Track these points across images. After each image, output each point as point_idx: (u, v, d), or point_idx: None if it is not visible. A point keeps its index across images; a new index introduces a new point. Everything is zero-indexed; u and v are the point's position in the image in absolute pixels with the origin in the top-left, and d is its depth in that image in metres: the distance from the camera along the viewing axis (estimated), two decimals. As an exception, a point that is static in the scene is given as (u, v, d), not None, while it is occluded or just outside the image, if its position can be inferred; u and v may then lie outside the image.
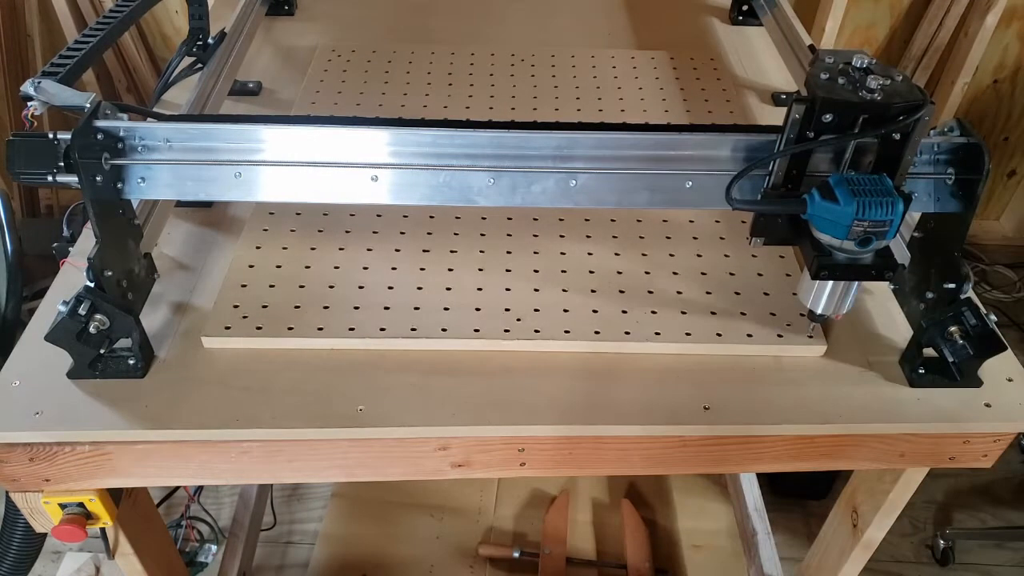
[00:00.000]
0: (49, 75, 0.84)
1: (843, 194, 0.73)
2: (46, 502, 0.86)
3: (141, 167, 0.82)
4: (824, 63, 0.77)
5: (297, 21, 1.52)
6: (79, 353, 0.82)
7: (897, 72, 0.75)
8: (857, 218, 0.73)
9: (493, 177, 0.82)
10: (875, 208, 0.72)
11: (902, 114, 0.74)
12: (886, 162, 0.78)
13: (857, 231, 0.73)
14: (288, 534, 1.83)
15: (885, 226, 0.73)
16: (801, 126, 0.75)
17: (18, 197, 2.33)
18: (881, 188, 0.73)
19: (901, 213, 0.73)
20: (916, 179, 0.84)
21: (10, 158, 0.78)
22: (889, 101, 0.73)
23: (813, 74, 0.76)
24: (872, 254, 0.77)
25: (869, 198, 0.72)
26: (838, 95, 0.74)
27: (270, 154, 0.81)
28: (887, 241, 0.76)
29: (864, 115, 0.74)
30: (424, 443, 0.85)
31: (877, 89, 0.73)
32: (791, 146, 0.77)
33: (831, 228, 0.75)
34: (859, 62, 0.76)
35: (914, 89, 0.75)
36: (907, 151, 0.77)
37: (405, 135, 0.80)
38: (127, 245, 0.87)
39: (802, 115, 0.75)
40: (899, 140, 0.76)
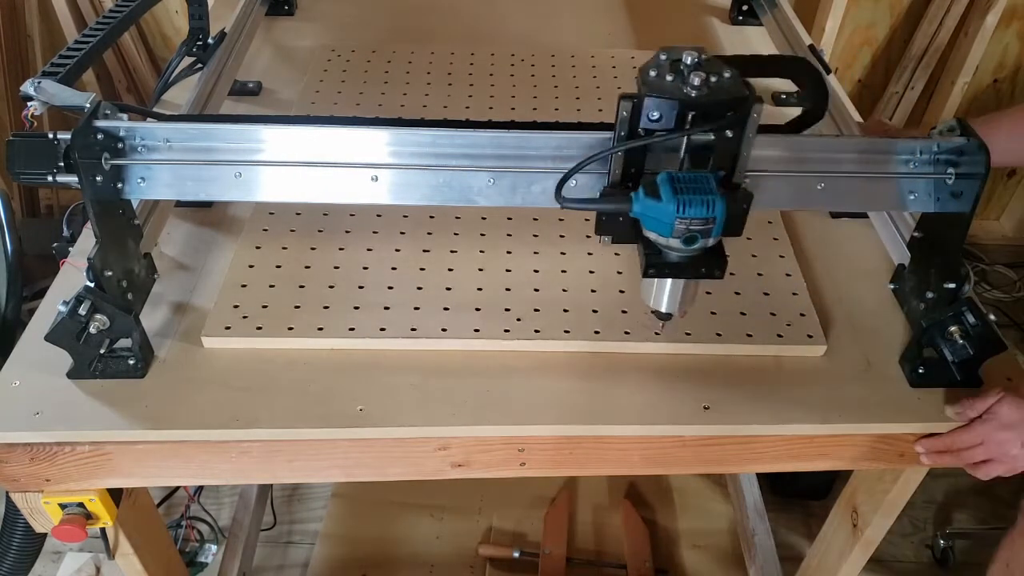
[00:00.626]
0: (49, 75, 0.84)
1: (666, 192, 0.72)
2: (46, 502, 0.86)
3: (141, 167, 0.81)
4: (658, 59, 0.75)
5: (297, 21, 1.52)
6: (79, 353, 0.82)
7: (728, 69, 0.74)
8: (679, 216, 0.72)
9: (493, 177, 0.82)
10: (696, 206, 0.72)
11: (727, 111, 0.73)
12: (724, 160, 0.77)
13: (680, 229, 0.73)
14: (288, 534, 1.83)
15: (708, 224, 0.73)
16: (631, 123, 0.74)
17: (18, 197, 2.33)
18: (705, 187, 0.73)
19: (723, 211, 0.72)
20: (916, 179, 0.84)
21: (10, 158, 0.78)
22: (713, 98, 0.72)
23: (643, 70, 0.75)
24: (702, 252, 0.76)
25: (690, 196, 0.72)
26: (662, 91, 0.73)
27: (270, 154, 0.81)
28: (713, 239, 0.75)
29: (690, 112, 0.73)
30: (424, 443, 0.85)
31: (700, 86, 0.72)
32: (621, 144, 0.76)
33: (657, 226, 0.74)
34: (689, 58, 0.74)
35: (741, 87, 0.73)
36: (743, 148, 0.76)
37: (405, 135, 0.80)
38: (127, 245, 0.87)
39: (630, 112, 0.74)
40: (733, 137, 0.75)
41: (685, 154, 0.76)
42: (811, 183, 0.84)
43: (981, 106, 2.44)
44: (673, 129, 0.74)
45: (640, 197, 0.74)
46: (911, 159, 0.84)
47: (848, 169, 0.84)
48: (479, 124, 0.83)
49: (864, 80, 2.42)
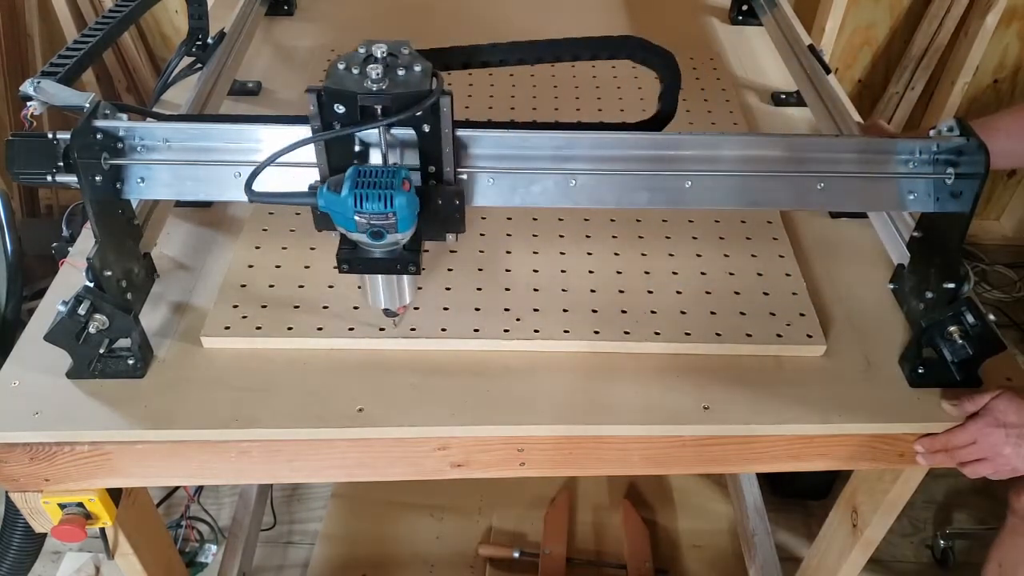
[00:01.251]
0: (48, 75, 0.84)
1: (347, 186, 0.72)
2: (46, 502, 0.86)
3: (140, 167, 0.82)
4: (351, 54, 0.75)
5: (296, 21, 1.52)
6: (79, 353, 0.82)
7: (419, 64, 0.73)
8: (357, 210, 0.71)
9: (493, 177, 0.82)
10: (373, 201, 0.71)
11: (408, 104, 0.72)
12: (428, 155, 0.77)
13: (362, 223, 0.72)
14: (288, 534, 1.83)
15: (389, 219, 0.72)
16: (322, 117, 0.74)
17: (18, 197, 2.33)
18: (387, 181, 0.71)
19: (405, 206, 0.71)
20: (916, 179, 0.84)
21: (9, 158, 0.78)
22: (391, 92, 0.71)
23: (333, 64, 0.74)
24: (398, 247, 0.76)
25: (367, 190, 0.71)
26: (342, 85, 0.72)
27: (269, 154, 0.81)
28: (402, 235, 0.74)
29: (376, 105, 0.72)
30: (424, 443, 0.85)
31: (380, 79, 0.71)
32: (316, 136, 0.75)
33: (342, 220, 0.73)
34: (380, 51, 0.73)
35: (426, 81, 0.73)
36: (442, 143, 0.76)
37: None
38: (127, 245, 0.87)
39: (316, 105, 0.73)
40: (430, 133, 0.75)
41: (387, 149, 0.76)
42: (811, 183, 0.84)
43: (981, 106, 2.44)
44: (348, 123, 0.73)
45: (323, 191, 0.73)
46: (910, 159, 0.84)
47: (848, 169, 0.84)
48: (479, 124, 0.83)
49: (864, 80, 2.41)
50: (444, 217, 0.79)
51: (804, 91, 1.28)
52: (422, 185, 0.79)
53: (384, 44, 0.74)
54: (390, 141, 0.77)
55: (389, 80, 0.72)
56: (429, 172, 0.78)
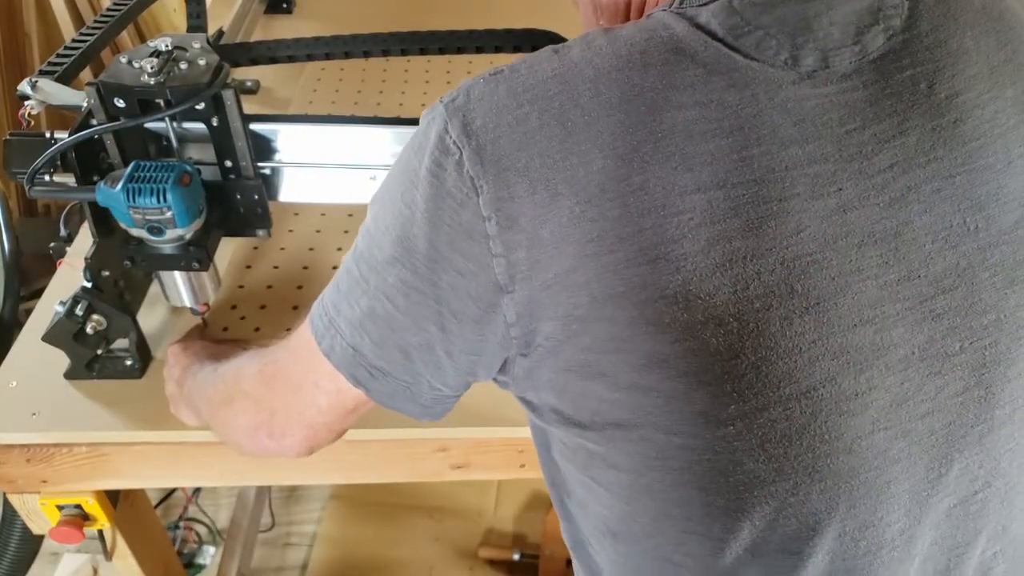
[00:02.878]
0: (46, 74, 0.84)
1: (123, 181, 0.71)
2: (43, 503, 0.86)
3: None
4: (142, 47, 0.74)
5: (295, 19, 1.52)
6: (76, 354, 0.82)
7: (207, 57, 0.73)
8: (131, 204, 0.71)
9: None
10: (145, 195, 0.70)
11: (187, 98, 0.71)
12: (222, 149, 0.76)
13: (139, 218, 0.72)
14: (286, 535, 1.83)
15: (165, 213, 0.71)
16: (105, 111, 0.72)
17: (15, 196, 2.32)
18: (161, 175, 0.71)
19: (179, 201, 0.71)
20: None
21: (7, 157, 0.77)
22: (167, 85, 0.71)
23: (116, 59, 0.73)
24: (182, 244, 0.76)
25: (140, 184, 0.70)
26: (117, 79, 0.71)
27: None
28: (182, 230, 0.74)
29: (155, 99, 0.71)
30: (423, 444, 0.84)
31: (155, 73, 0.71)
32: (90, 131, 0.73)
33: (122, 216, 0.73)
34: (164, 45, 0.73)
35: (205, 75, 0.72)
36: (233, 137, 0.75)
37: (405, 134, 0.80)
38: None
39: (96, 99, 0.72)
40: (219, 126, 0.74)
41: (178, 143, 0.76)
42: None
43: (981, 106, 2.44)
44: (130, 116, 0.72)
45: (101, 187, 0.72)
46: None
47: None
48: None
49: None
50: (247, 213, 0.78)
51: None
52: (222, 179, 0.78)
53: (170, 37, 0.74)
54: (183, 135, 0.76)
55: (167, 74, 0.71)
56: (226, 167, 0.78)
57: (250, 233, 0.82)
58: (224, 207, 0.79)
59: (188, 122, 0.76)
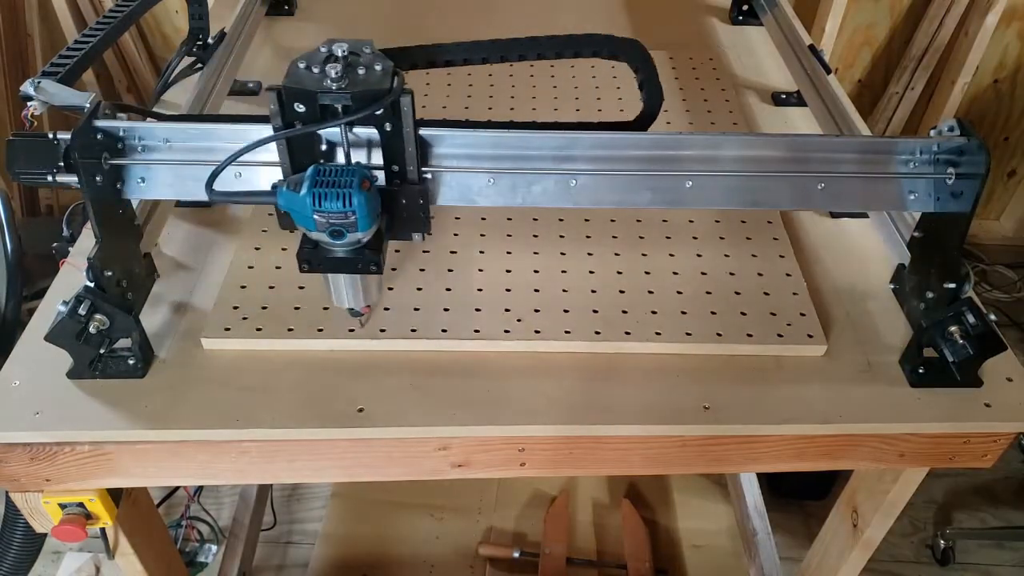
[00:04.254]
0: (49, 75, 0.84)
1: (306, 185, 0.71)
2: (46, 502, 0.86)
3: (141, 167, 0.82)
4: (311, 53, 0.75)
5: (297, 21, 1.52)
6: (79, 353, 0.82)
7: (381, 62, 0.74)
8: (316, 209, 0.71)
9: (493, 177, 0.82)
10: (331, 200, 0.70)
11: (367, 103, 0.72)
12: (391, 154, 0.76)
13: (322, 223, 0.72)
14: (288, 534, 1.83)
15: (348, 218, 0.71)
16: (283, 116, 0.74)
17: (18, 197, 2.33)
18: (345, 180, 0.71)
19: (364, 204, 0.71)
20: (916, 179, 0.84)
21: (10, 158, 0.78)
22: (351, 91, 0.72)
23: (293, 63, 0.74)
24: (359, 247, 0.76)
25: (326, 189, 0.71)
26: (301, 84, 0.72)
27: (270, 154, 0.81)
28: (362, 234, 0.74)
29: (338, 104, 0.72)
30: (424, 443, 0.85)
31: (339, 79, 0.72)
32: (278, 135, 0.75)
33: (302, 220, 0.73)
34: (340, 50, 0.74)
35: (385, 79, 0.73)
36: (405, 142, 0.75)
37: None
38: (127, 245, 0.87)
39: (277, 104, 0.73)
40: (393, 131, 0.75)
41: (350, 148, 0.76)
42: (811, 183, 0.84)
43: (981, 106, 2.44)
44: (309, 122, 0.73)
45: (283, 191, 0.73)
46: (911, 159, 0.84)
47: (848, 169, 0.84)
48: (479, 124, 0.83)
49: (864, 80, 2.42)
50: (409, 217, 0.78)
51: (804, 91, 1.28)
52: (386, 184, 0.78)
53: (345, 43, 0.74)
54: (354, 140, 0.76)
55: (348, 79, 0.72)
56: (393, 171, 0.78)
57: (407, 237, 0.82)
58: (389, 211, 0.78)
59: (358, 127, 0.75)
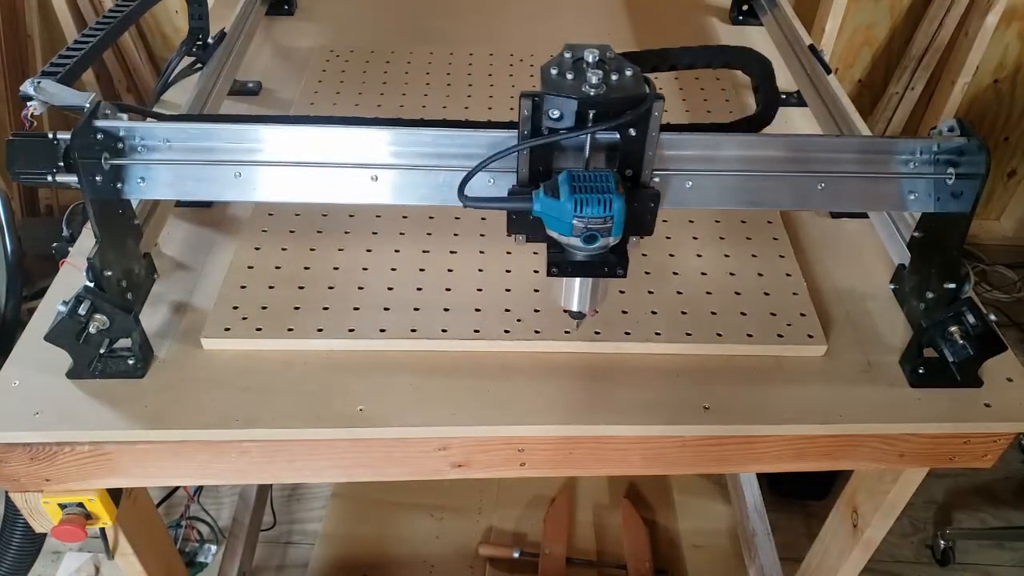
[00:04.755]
0: (49, 75, 0.84)
1: (564, 191, 0.72)
2: (46, 502, 0.86)
3: (141, 167, 0.81)
4: (562, 57, 0.75)
5: (297, 21, 1.52)
6: (79, 353, 0.82)
7: (629, 67, 0.74)
8: (576, 214, 0.72)
9: (493, 177, 0.82)
10: (593, 205, 0.71)
11: (626, 109, 0.72)
12: (629, 158, 0.76)
13: (579, 228, 0.72)
14: (288, 534, 1.83)
15: (607, 223, 0.72)
16: (532, 122, 0.74)
17: (18, 197, 2.33)
18: (603, 185, 0.72)
19: (621, 209, 0.72)
20: (916, 179, 0.84)
21: (10, 158, 0.78)
22: (611, 96, 0.72)
23: (545, 69, 0.74)
24: (605, 250, 0.76)
25: (587, 195, 0.72)
26: (560, 90, 0.72)
27: (270, 154, 0.81)
28: (614, 238, 0.75)
29: (590, 110, 0.73)
30: (424, 443, 0.85)
31: (598, 84, 0.72)
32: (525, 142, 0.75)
33: (556, 225, 0.74)
34: (591, 56, 0.74)
35: (641, 84, 0.73)
36: (647, 147, 0.76)
37: (405, 135, 0.80)
38: (127, 245, 0.87)
39: (530, 111, 0.74)
40: (636, 136, 0.75)
41: (591, 153, 0.76)
42: (811, 183, 0.84)
43: (981, 106, 2.44)
44: (572, 128, 0.73)
45: (540, 196, 0.74)
46: (911, 159, 0.83)
47: (849, 169, 0.84)
48: (479, 124, 0.83)
49: (864, 80, 2.42)
50: (635, 220, 0.78)
51: (804, 91, 1.28)
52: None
53: (595, 49, 0.75)
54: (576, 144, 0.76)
55: (606, 85, 0.72)
56: (626, 175, 0.78)
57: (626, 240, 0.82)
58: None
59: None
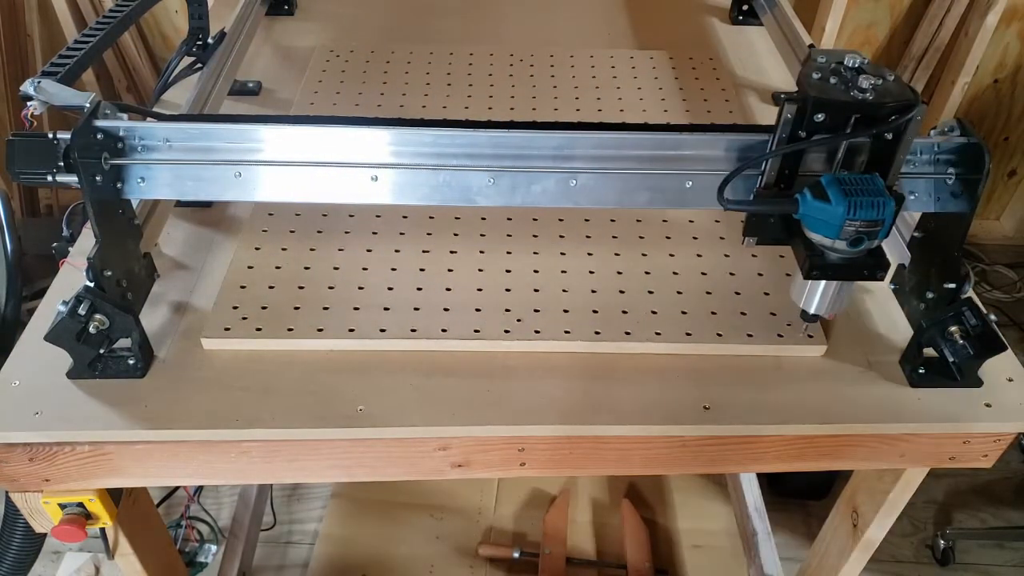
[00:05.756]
0: (49, 75, 0.84)
1: (835, 194, 0.73)
2: (46, 502, 0.86)
3: (141, 167, 0.82)
4: (816, 63, 0.77)
5: (297, 21, 1.52)
6: (79, 353, 0.82)
7: (889, 72, 0.76)
8: (848, 218, 0.73)
9: (493, 177, 0.82)
10: (866, 208, 0.73)
11: (894, 114, 0.74)
12: (878, 162, 0.78)
13: (849, 231, 0.74)
14: (288, 534, 1.83)
15: (877, 226, 0.74)
16: (793, 126, 0.76)
17: (18, 197, 2.33)
18: (873, 188, 0.73)
19: (893, 213, 0.73)
20: (916, 179, 0.84)
21: (10, 158, 0.78)
22: (881, 101, 0.74)
23: (805, 74, 0.76)
24: (864, 254, 0.77)
25: (860, 198, 0.73)
26: (830, 95, 0.74)
27: (270, 154, 0.81)
28: (879, 241, 0.76)
29: (856, 115, 0.75)
30: (424, 443, 0.85)
31: (869, 89, 0.74)
32: (783, 146, 0.77)
33: (822, 228, 0.75)
34: (851, 62, 0.76)
35: (906, 89, 0.75)
36: (900, 151, 0.77)
37: (405, 135, 0.81)
38: (127, 245, 0.87)
39: (794, 115, 0.75)
40: (891, 140, 0.76)
41: (842, 158, 0.77)
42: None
43: (981, 106, 2.44)
44: (838, 132, 0.75)
45: (807, 199, 0.75)
46: (912, 159, 0.84)
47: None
48: (480, 124, 0.83)
49: (864, 80, 2.41)
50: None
51: (804, 91, 1.28)
52: None
53: (857, 55, 0.76)
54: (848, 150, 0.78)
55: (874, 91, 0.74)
56: None
57: None
58: None
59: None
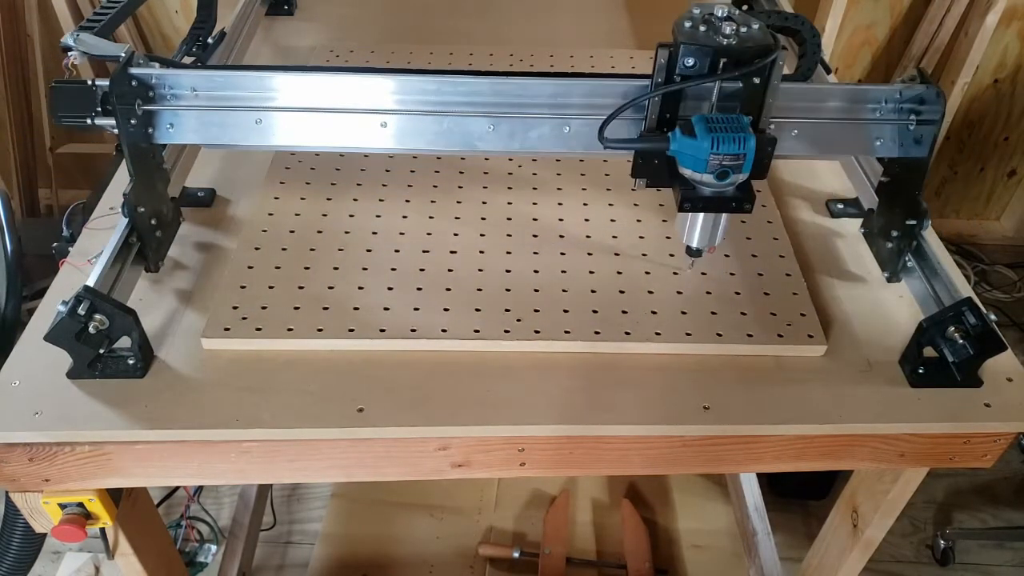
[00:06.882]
0: (86, 28, 0.93)
1: (701, 130, 0.79)
2: (46, 502, 0.86)
3: (169, 113, 0.88)
4: (691, 14, 0.81)
5: (297, 21, 1.52)
6: (79, 353, 0.82)
7: (755, 21, 0.80)
8: (712, 152, 0.78)
9: (493, 123, 0.87)
10: (728, 143, 0.78)
11: (756, 58, 0.79)
12: (751, 105, 0.83)
13: (714, 164, 0.79)
14: (288, 534, 1.83)
15: (740, 159, 0.79)
16: (667, 71, 0.81)
17: (18, 197, 2.33)
18: (737, 125, 0.79)
19: (753, 147, 0.79)
20: (882, 124, 0.91)
21: (53, 103, 0.85)
22: (743, 46, 0.79)
23: (678, 23, 0.80)
24: (732, 188, 0.82)
25: (724, 134, 0.78)
26: (697, 40, 0.79)
27: (288, 100, 0.88)
28: (744, 175, 0.81)
29: (722, 59, 0.80)
30: (424, 443, 0.85)
31: (731, 35, 0.79)
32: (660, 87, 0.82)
33: (692, 163, 0.81)
34: (720, 11, 0.80)
35: (768, 36, 0.80)
36: (768, 95, 0.82)
37: (411, 82, 0.87)
38: (156, 186, 0.93)
39: (667, 60, 0.80)
40: (759, 84, 0.81)
41: (716, 100, 0.82)
42: (786, 130, 0.89)
43: (981, 106, 2.44)
44: (707, 74, 0.80)
45: (677, 136, 0.81)
46: (878, 107, 0.90)
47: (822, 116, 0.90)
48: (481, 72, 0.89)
49: (864, 80, 2.42)
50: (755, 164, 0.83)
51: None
52: None
53: (724, 5, 0.81)
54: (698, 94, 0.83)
55: (738, 36, 0.79)
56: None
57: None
58: None
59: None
